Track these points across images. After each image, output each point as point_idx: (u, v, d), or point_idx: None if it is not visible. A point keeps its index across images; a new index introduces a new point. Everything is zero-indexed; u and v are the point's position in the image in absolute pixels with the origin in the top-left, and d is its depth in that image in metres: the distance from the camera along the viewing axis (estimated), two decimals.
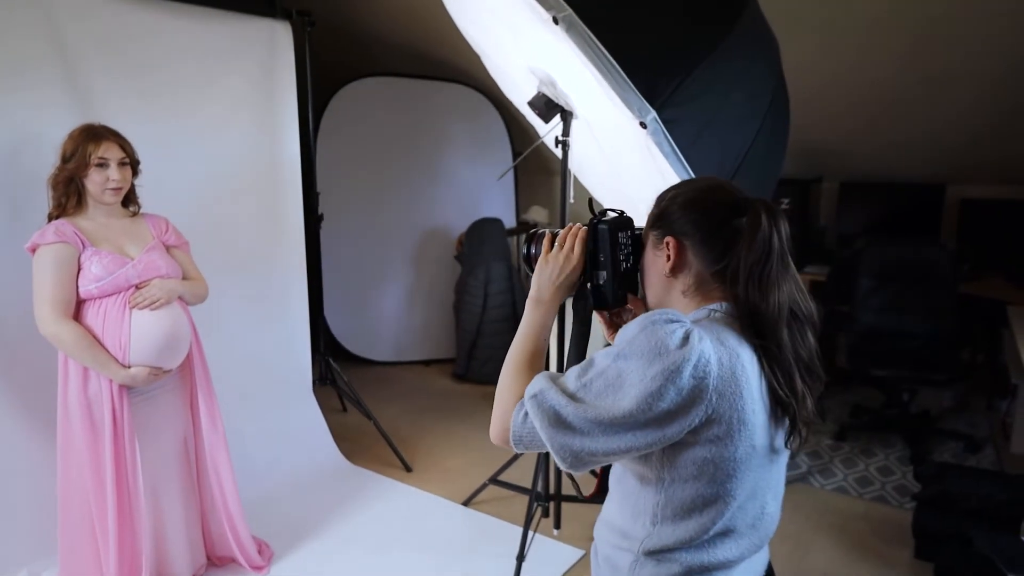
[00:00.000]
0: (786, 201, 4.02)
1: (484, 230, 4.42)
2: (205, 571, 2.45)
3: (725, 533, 1.02)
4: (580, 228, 1.14)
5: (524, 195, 5.01)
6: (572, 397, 0.95)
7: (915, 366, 3.33)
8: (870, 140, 3.82)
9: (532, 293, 1.14)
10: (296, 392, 3.26)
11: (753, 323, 0.98)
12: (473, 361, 4.30)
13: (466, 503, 2.94)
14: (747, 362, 0.96)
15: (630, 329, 0.96)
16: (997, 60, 2.94)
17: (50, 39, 2.36)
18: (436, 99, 4.57)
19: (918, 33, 2.91)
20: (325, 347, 3.65)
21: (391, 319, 4.65)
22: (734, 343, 0.96)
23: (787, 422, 1.01)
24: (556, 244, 1.15)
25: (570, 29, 1.57)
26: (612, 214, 1.14)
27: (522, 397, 1.01)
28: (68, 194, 2.05)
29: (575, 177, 2.50)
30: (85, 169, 2.01)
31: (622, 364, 0.94)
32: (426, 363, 4.68)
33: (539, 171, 4.90)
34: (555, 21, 1.57)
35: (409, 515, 2.88)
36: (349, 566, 2.54)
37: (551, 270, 1.13)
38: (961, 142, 3.57)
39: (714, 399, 0.92)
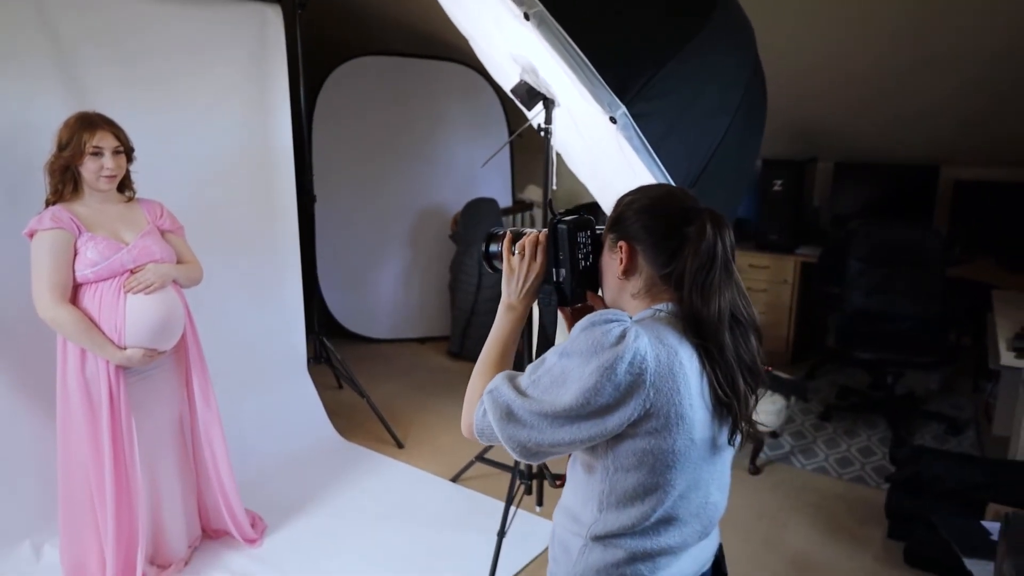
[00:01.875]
0: (779, 182, 4.05)
1: (480, 210, 4.46)
2: (200, 543, 2.55)
3: (668, 521, 1.08)
4: (542, 235, 1.20)
5: (520, 174, 5.04)
6: (522, 393, 1.04)
7: (901, 348, 3.38)
8: (865, 120, 3.82)
9: (503, 300, 1.21)
10: (291, 370, 3.34)
11: (696, 326, 1.05)
12: (467, 339, 4.37)
13: (454, 479, 3.04)
14: (685, 360, 1.02)
15: (575, 329, 1.04)
16: (992, 40, 2.93)
17: (42, 28, 2.40)
18: (432, 78, 4.58)
19: (912, 12, 2.90)
20: (320, 326, 3.73)
21: (387, 297, 4.72)
22: (673, 341, 1.02)
23: (730, 420, 1.08)
24: (518, 252, 1.20)
25: (541, 24, 1.60)
26: (572, 216, 1.20)
27: None
28: (64, 181, 2.10)
29: (564, 162, 2.53)
30: (80, 157, 2.06)
31: (565, 362, 1.02)
32: (421, 341, 4.76)
33: (536, 150, 4.91)
34: (526, 17, 1.60)
35: (399, 490, 2.97)
36: (339, 539, 2.64)
37: (517, 278, 1.20)
38: (955, 123, 3.57)
39: (651, 394, 0.98)
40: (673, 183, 1.71)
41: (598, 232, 1.20)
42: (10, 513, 2.44)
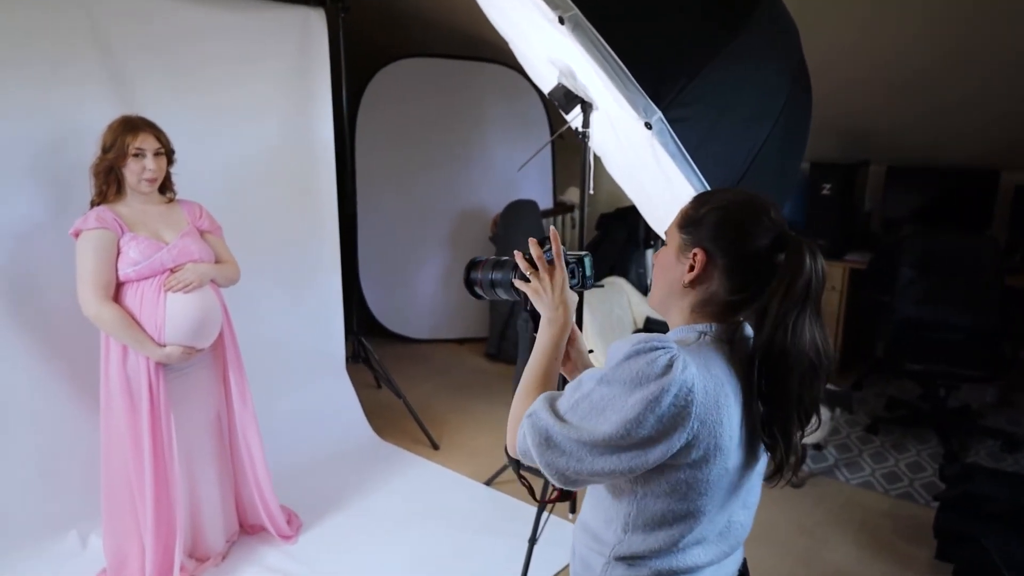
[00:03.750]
0: (827, 186, 3.93)
1: (519, 211, 4.45)
2: (238, 538, 2.60)
3: (695, 543, 1.04)
4: (533, 247, 1.16)
5: (562, 176, 5.00)
6: (560, 418, 0.97)
7: (954, 360, 3.24)
8: (920, 122, 3.67)
9: (544, 315, 1.14)
10: (329, 369, 3.38)
11: (765, 364, 0.96)
12: (505, 341, 4.36)
13: (488, 483, 3.03)
14: (731, 391, 0.96)
15: (617, 352, 0.96)
16: None
17: (91, 34, 2.47)
18: (475, 79, 4.58)
19: (971, 14, 2.77)
20: (359, 326, 3.76)
21: (427, 298, 4.74)
22: (720, 371, 0.96)
23: (771, 456, 1.01)
24: (540, 269, 1.15)
25: (576, 29, 1.57)
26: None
27: None
28: (108, 182, 2.16)
29: (603, 166, 2.50)
30: (123, 159, 2.12)
31: (605, 389, 0.94)
32: (460, 341, 4.77)
33: (577, 151, 4.87)
34: (561, 21, 1.57)
35: (432, 492, 2.98)
36: (371, 538, 2.66)
37: (544, 290, 1.14)
38: (1017, 126, 3.40)
39: (695, 426, 0.92)
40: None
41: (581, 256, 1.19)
42: (58, 503, 2.52)
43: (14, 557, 2.38)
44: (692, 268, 1.02)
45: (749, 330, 1.07)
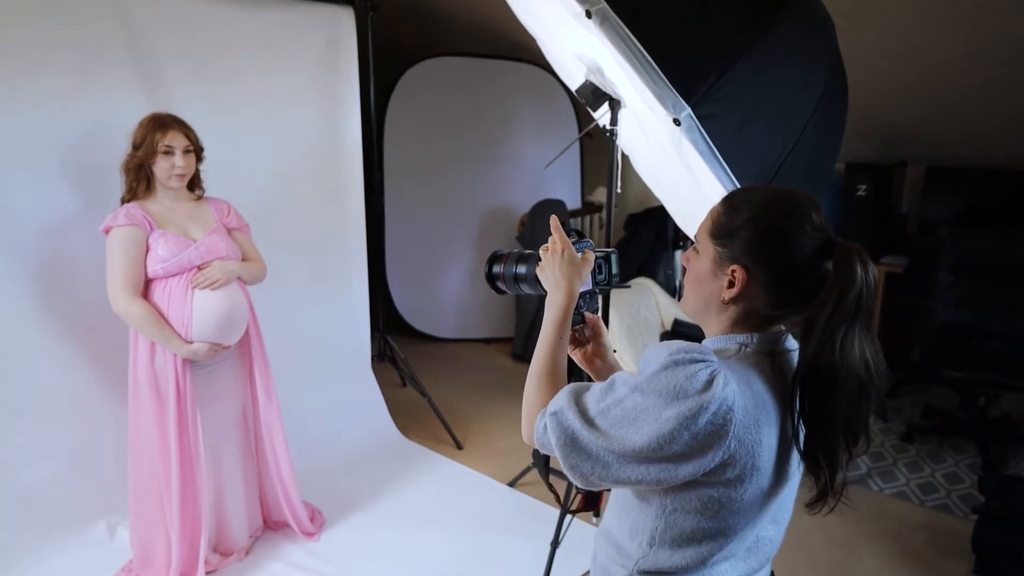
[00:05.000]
0: (863, 187, 3.83)
1: (547, 211, 4.42)
2: (262, 533, 2.61)
3: (723, 559, 1.00)
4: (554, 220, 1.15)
5: (590, 176, 4.96)
6: (589, 422, 0.92)
7: (996, 368, 3.13)
8: (961, 123, 3.55)
9: (548, 293, 1.10)
10: (355, 368, 3.39)
11: (809, 383, 0.90)
12: (531, 342, 4.33)
13: (511, 484, 3.00)
14: (772, 410, 0.92)
15: (653, 360, 0.91)
16: None
17: (122, 32, 2.51)
18: (503, 78, 4.57)
19: (1015, 12, 2.67)
20: (384, 325, 3.77)
21: (453, 297, 4.74)
22: (761, 388, 0.91)
23: (814, 481, 0.95)
24: (555, 241, 1.13)
25: (603, 23, 1.54)
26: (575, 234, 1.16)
27: (545, 407, 1.00)
28: (138, 179, 2.18)
29: (631, 164, 2.46)
30: (153, 156, 2.14)
31: (639, 398, 0.89)
32: (486, 341, 4.76)
33: (606, 151, 4.83)
34: (588, 15, 1.54)
35: (455, 491, 2.96)
36: (393, 537, 2.65)
37: (550, 267, 1.10)
38: None
39: (732, 445, 0.87)
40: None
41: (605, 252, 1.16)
42: (89, 494, 2.56)
43: (46, 544, 2.43)
44: (731, 284, 0.95)
45: (793, 342, 1.01)
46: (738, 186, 1.62)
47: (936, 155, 3.90)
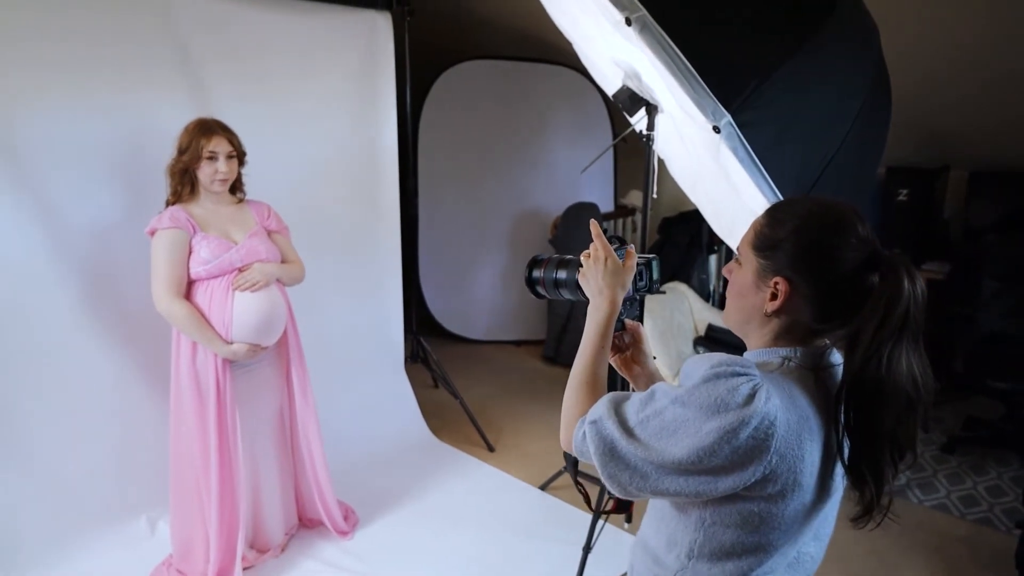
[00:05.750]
0: (904, 192, 3.76)
1: (580, 214, 4.41)
2: (297, 531, 2.66)
3: (763, 574, 0.99)
4: (594, 226, 1.13)
5: (624, 179, 4.94)
6: (628, 431, 0.92)
7: None
8: (1006, 127, 3.46)
9: (591, 301, 1.10)
10: (388, 369, 3.43)
11: (855, 398, 0.89)
12: (562, 345, 4.33)
13: (543, 487, 3.01)
14: (816, 425, 0.90)
15: (694, 372, 0.91)
16: None
17: (167, 38, 2.57)
18: (538, 82, 4.58)
19: None
20: (418, 326, 3.80)
21: (485, 299, 4.76)
22: (805, 403, 0.90)
23: (859, 495, 0.94)
24: (597, 248, 1.11)
25: (643, 31, 1.54)
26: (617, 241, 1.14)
27: (584, 415, 0.99)
28: (183, 183, 2.24)
29: (666, 169, 2.45)
30: (197, 161, 2.19)
31: (679, 410, 0.89)
32: (517, 343, 4.77)
33: (641, 155, 4.81)
34: (627, 22, 1.54)
35: (486, 494, 2.98)
36: (425, 538, 2.67)
37: (593, 276, 1.09)
38: None
39: (774, 460, 0.86)
40: (781, 197, 1.60)
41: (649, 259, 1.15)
42: (131, 489, 2.63)
43: (89, 536, 2.50)
44: (774, 296, 0.94)
45: (837, 356, 1.00)
46: (778, 193, 1.61)
47: (981, 159, 3.80)
